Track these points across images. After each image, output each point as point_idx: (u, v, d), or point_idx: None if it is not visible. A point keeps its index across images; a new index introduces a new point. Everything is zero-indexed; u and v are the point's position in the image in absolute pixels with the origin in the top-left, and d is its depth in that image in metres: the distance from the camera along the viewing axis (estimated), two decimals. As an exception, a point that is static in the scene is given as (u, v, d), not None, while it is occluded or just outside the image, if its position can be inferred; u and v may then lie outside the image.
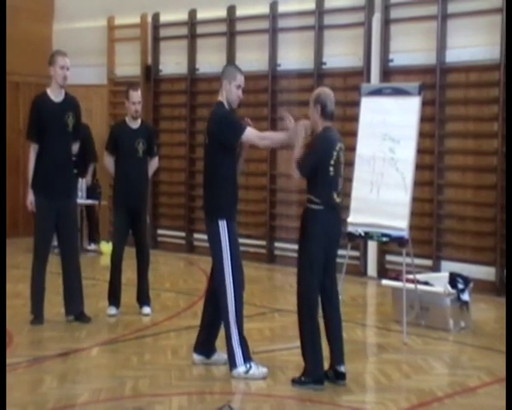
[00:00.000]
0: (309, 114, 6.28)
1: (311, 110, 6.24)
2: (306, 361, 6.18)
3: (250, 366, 6.31)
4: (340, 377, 6.21)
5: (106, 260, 9.74)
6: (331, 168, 6.13)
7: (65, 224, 7.90)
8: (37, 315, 7.91)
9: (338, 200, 6.21)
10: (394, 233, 7.79)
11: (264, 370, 6.35)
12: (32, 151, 7.84)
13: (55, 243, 8.35)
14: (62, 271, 8.08)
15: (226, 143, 6.32)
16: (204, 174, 6.56)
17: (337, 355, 6.24)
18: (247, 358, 6.33)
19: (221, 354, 6.59)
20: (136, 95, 8.30)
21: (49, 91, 7.90)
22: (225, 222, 6.33)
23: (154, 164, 8.64)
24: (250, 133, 6.34)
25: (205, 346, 6.65)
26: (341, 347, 6.28)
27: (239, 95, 6.46)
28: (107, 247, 11.87)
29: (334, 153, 6.15)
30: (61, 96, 7.87)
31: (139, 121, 8.41)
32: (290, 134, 6.27)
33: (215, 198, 6.41)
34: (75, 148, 8.09)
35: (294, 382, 6.20)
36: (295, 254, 10.33)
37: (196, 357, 6.67)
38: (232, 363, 6.34)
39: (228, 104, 6.46)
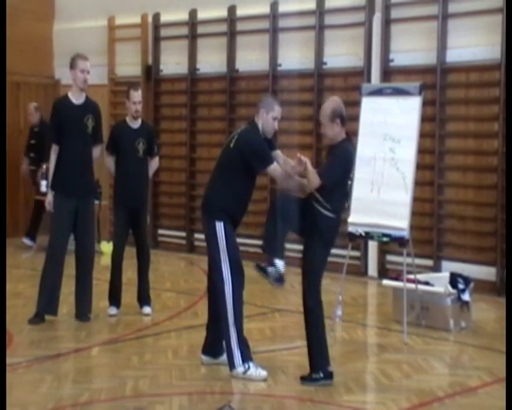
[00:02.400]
0: (325, 131, 6.29)
1: (328, 128, 6.25)
2: (316, 359, 6.22)
3: (248, 367, 6.30)
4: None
5: (106, 260, 9.74)
6: (349, 182, 6.37)
7: (82, 223, 8.00)
8: (39, 313, 7.93)
9: (346, 206, 6.45)
10: (395, 233, 7.79)
11: (263, 373, 6.32)
12: (53, 153, 7.99)
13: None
14: (76, 272, 8.13)
15: (252, 167, 6.36)
16: (215, 174, 6.54)
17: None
18: (246, 358, 6.33)
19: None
20: (137, 94, 8.31)
21: (69, 94, 8.05)
22: (222, 225, 6.34)
23: (154, 164, 8.65)
24: (276, 170, 6.36)
25: (212, 347, 6.65)
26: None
27: (274, 127, 6.46)
28: (107, 247, 11.87)
29: (353, 167, 6.39)
30: (81, 99, 8.01)
31: (139, 121, 8.42)
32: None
33: (219, 200, 6.38)
34: (96, 152, 8.19)
35: (305, 380, 6.22)
36: (296, 254, 10.36)
37: (204, 358, 6.68)
38: (231, 363, 6.34)
39: (262, 132, 6.44)
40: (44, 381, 6.21)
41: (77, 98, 7.99)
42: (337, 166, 6.22)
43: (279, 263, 6.25)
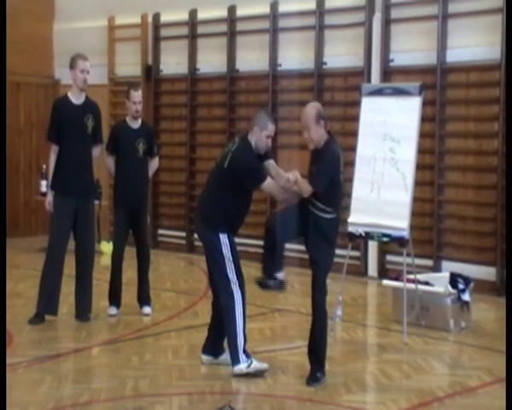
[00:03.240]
0: (310, 134, 6.25)
1: (313, 130, 6.22)
2: (322, 359, 6.28)
3: (251, 361, 6.37)
4: None
5: (106, 260, 9.74)
6: (341, 177, 6.35)
7: (82, 223, 8.00)
8: (39, 314, 7.93)
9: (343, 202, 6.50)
10: (395, 233, 7.78)
11: (265, 365, 6.40)
12: (53, 153, 8.00)
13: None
14: (76, 272, 8.13)
15: (245, 186, 6.39)
16: (213, 188, 6.53)
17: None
18: (248, 355, 6.40)
19: (229, 354, 6.59)
20: (137, 95, 8.30)
21: (69, 94, 8.06)
22: (226, 236, 6.39)
23: (154, 164, 8.64)
24: (269, 185, 6.39)
25: (213, 347, 6.69)
26: None
27: (268, 144, 6.48)
28: (107, 247, 11.87)
29: (342, 163, 6.35)
30: (81, 99, 8.01)
31: (139, 121, 8.41)
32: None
33: (219, 215, 6.41)
34: (96, 151, 8.20)
35: (311, 381, 6.21)
36: (296, 255, 10.38)
37: (205, 357, 6.70)
38: (235, 360, 6.36)
39: (255, 148, 6.45)
40: (44, 381, 6.21)
41: (77, 98, 8.00)
42: (326, 170, 6.23)
43: (279, 275, 6.35)
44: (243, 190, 6.42)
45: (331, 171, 6.25)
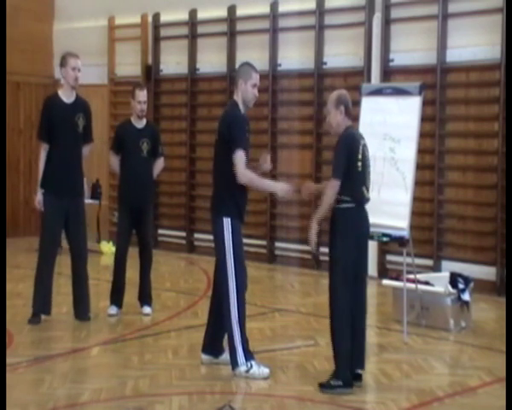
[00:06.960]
0: (329, 119, 6.20)
1: (332, 114, 6.17)
2: (338, 364, 6.10)
3: (251, 366, 6.31)
4: (358, 378, 6.20)
5: (106, 260, 9.74)
6: (359, 163, 6.11)
7: (74, 223, 7.96)
8: (36, 314, 7.92)
9: (367, 195, 6.22)
10: (395, 233, 7.78)
11: (265, 370, 6.34)
12: (43, 151, 7.94)
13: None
14: (72, 272, 8.10)
15: (229, 142, 6.34)
16: (213, 172, 6.60)
17: (358, 358, 6.18)
18: (248, 357, 6.34)
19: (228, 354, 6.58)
20: (142, 94, 8.29)
21: (60, 92, 8.00)
22: (230, 221, 6.34)
23: (159, 164, 8.61)
24: (240, 158, 6.29)
25: (213, 346, 6.65)
26: (363, 351, 6.22)
27: (255, 94, 6.45)
28: (107, 247, 11.89)
29: (360, 147, 6.14)
30: (72, 98, 7.96)
31: (144, 121, 8.41)
32: (281, 192, 6.39)
33: (222, 196, 6.41)
34: (86, 150, 8.14)
35: (323, 386, 6.10)
36: (296, 254, 10.40)
37: (204, 357, 6.68)
38: (234, 362, 6.34)
39: (243, 104, 6.45)
40: (44, 381, 6.21)
41: (67, 97, 7.93)
42: (340, 156, 6.09)
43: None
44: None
45: (344, 156, 6.06)
